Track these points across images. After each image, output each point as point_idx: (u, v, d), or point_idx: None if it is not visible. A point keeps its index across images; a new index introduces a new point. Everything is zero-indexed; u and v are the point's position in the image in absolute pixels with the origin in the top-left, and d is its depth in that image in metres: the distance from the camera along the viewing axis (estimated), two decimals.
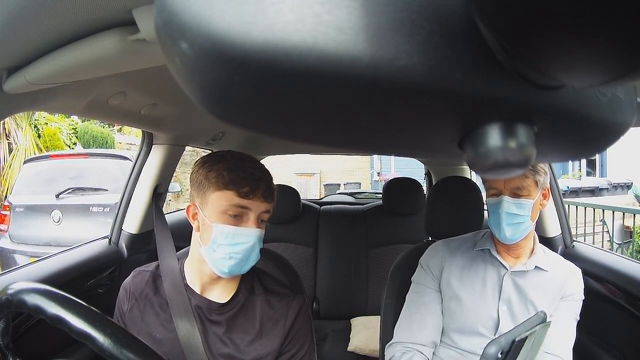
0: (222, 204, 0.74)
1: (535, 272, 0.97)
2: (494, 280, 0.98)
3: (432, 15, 0.15)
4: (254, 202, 0.75)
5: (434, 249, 1.08)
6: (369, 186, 10.52)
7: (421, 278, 1.06)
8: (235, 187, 0.73)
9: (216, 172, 0.75)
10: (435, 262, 1.05)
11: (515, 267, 0.97)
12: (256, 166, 0.78)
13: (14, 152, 5.68)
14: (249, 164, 0.77)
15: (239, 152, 0.81)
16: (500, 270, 0.99)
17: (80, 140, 7.04)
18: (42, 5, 0.48)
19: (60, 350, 1.03)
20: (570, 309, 0.97)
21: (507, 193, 0.92)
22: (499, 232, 0.93)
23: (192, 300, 0.82)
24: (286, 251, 1.99)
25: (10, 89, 0.67)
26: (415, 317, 1.02)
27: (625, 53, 0.13)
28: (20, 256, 3.45)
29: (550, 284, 0.96)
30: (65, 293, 0.60)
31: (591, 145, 0.23)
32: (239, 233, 0.75)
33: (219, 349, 0.81)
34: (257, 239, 0.76)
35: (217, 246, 0.76)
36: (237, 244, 0.75)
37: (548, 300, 0.96)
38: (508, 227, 0.91)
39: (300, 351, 0.86)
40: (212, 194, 0.75)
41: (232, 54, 0.14)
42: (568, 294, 0.97)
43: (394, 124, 0.18)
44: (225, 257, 0.76)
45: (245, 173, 0.74)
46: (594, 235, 4.17)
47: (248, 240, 0.75)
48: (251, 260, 0.78)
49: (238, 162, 0.76)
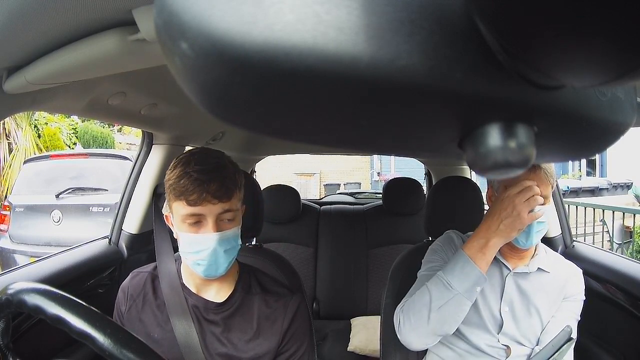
0: (180, 214, 0.74)
1: (537, 274, 0.96)
2: (497, 280, 0.97)
3: (432, 15, 0.15)
4: (206, 207, 0.72)
5: (446, 237, 1.05)
6: (369, 186, 10.52)
7: (432, 257, 1.02)
8: (184, 197, 0.72)
9: (169, 183, 0.74)
10: (448, 247, 1.02)
11: (517, 269, 0.96)
12: (203, 168, 0.73)
13: (14, 152, 5.69)
14: (195, 167, 0.73)
15: (193, 152, 0.77)
16: (502, 271, 0.98)
17: (80, 140, 7.04)
18: (42, 5, 0.48)
19: (60, 350, 1.03)
20: (571, 310, 0.97)
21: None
22: (525, 240, 0.89)
23: (189, 300, 0.83)
24: (286, 251, 1.99)
25: (10, 89, 0.67)
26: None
27: (625, 53, 0.13)
28: (20, 256, 3.44)
29: (552, 285, 0.96)
30: (65, 293, 0.60)
31: (591, 145, 0.23)
32: (197, 240, 0.74)
33: (216, 348, 0.81)
34: (216, 243, 0.74)
35: (185, 254, 0.77)
36: (199, 251, 0.75)
37: (549, 302, 0.96)
38: (536, 234, 0.89)
39: (298, 351, 0.86)
40: (172, 203, 0.76)
41: (232, 54, 0.14)
42: (569, 294, 0.97)
43: (394, 124, 0.18)
44: (194, 264, 0.77)
45: (189, 179, 0.71)
46: (594, 235, 4.17)
47: (207, 246, 0.74)
48: (220, 263, 0.76)
49: (185, 167, 0.73)
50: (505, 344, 0.95)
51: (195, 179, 0.71)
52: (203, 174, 0.72)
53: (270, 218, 1.91)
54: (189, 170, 0.72)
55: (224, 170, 0.75)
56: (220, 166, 0.75)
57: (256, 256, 1.16)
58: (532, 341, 0.95)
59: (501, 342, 0.95)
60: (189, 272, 0.84)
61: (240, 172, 0.79)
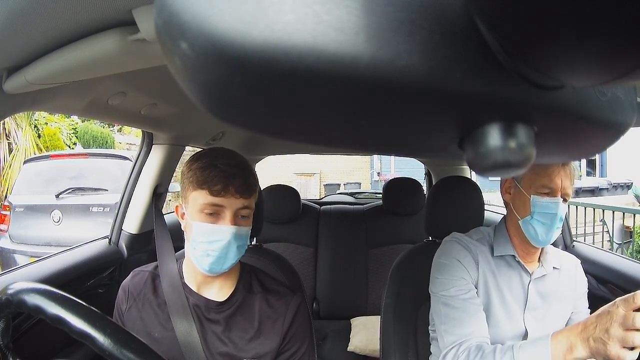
0: (198, 203, 0.76)
1: (551, 273, 0.95)
2: (518, 289, 0.93)
3: (432, 15, 0.15)
4: (228, 200, 0.75)
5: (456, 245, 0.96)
6: (369, 186, 10.51)
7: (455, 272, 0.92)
8: (207, 186, 0.74)
9: (192, 172, 0.76)
10: (468, 260, 0.93)
11: (535, 273, 0.93)
12: (230, 162, 0.76)
13: (14, 152, 5.68)
14: (222, 160, 0.76)
15: (217, 149, 0.81)
16: (523, 277, 0.94)
17: (80, 140, 7.04)
18: (42, 5, 0.48)
19: (60, 350, 1.03)
20: (585, 303, 0.97)
21: (559, 195, 0.85)
22: (545, 234, 0.85)
23: (190, 299, 0.83)
24: (286, 251, 1.99)
25: (10, 89, 0.67)
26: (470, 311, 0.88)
27: (625, 53, 0.13)
28: (20, 256, 3.45)
29: (565, 281, 0.96)
30: (65, 293, 0.60)
31: (591, 145, 0.23)
32: (214, 230, 0.76)
33: (217, 347, 0.81)
34: (232, 236, 0.76)
35: (196, 244, 0.77)
36: (213, 242, 0.76)
37: (566, 299, 0.95)
38: (557, 231, 0.86)
39: (299, 350, 0.86)
40: (190, 193, 0.77)
41: (232, 54, 0.14)
42: (582, 291, 0.97)
43: (394, 124, 0.18)
44: (203, 254, 0.77)
45: (216, 170, 0.74)
46: (594, 235, 4.17)
47: (223, 237, 0.75)
48: (229, 257, 0.77)
49: (212, 159, 0.76)
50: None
51: (221, 170, 0.75)
52: (230, 167, 0.75)
53: (270, 218, 1.91)
54: (215, 162, 0.75)
55: (248, 169, 0.79)
56: (245, 164, 0.79)
57: (256, 256, 1.16)
58: None
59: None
60: (191, 270, 0.84)
61: (256, 175, 0.82)
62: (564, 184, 0.85)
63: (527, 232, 0.89)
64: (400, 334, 1.10)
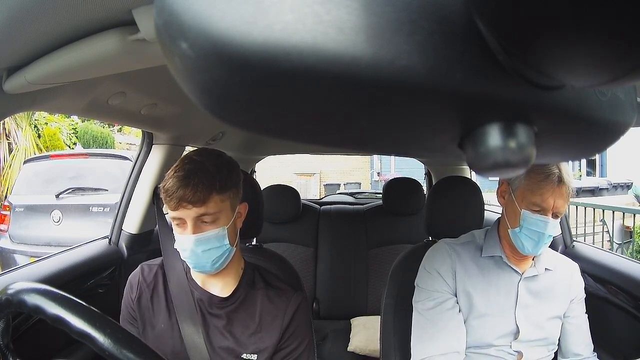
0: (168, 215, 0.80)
1: (544, 274, 0.96)
2: (508, 288, 0.94)
3: (432, 15, 0.15)
4: (183, 211, 0.76)
5: (440, 253, 0.99)
6: (369, 186, 10.51)
7: (432, 284, 0.96)
8: (167, 201, 0.76)
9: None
10: (445, 268, 0.96)
11: (526, 273, 0.94)
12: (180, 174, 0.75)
13: (14, 152, 5.68)
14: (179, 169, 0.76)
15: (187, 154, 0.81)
16: (512, 277, 0.95)
17: (80, 140, 7.04)
18: (42, 5, 0.48)
19: (60, 350, 1.03)
20: (582, 309, 0.98)
21: (550, 214, 0.86)
22: (532, 248, 0.87)
23: (195, 294, 0.86)
24: (286, 251, 1.99)
25: (10, 89, 0.67)
26: (439, 325, 0.92)
27: (625, 53, 0.13)
28: (20, 256, 3.44)
29: (559, 284, 0.96)
30: (65, 293, 0.60)
31: (591, 145, 0.23)
32: (180, 240, 0.79)
33: (219, 342, 0.83)
34: (192, 244, 0.77)
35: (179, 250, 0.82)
36: (183, 250, 0.79)
37: (559, 300, 0.96)
38: (544, 245, 0.88)
39: (298, 348, 0.87)
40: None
41: (232, 54, 0.14)
42: (576, 296, 0.97)
43: (394, 124, 0.18)
44: (185, 259, 0.81)
45: (170, 184, 0.75)
46: (594, 235, 4.16)
47: (187, 246, 0.78)
48: (203, 262, 0.79)
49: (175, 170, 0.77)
50: (517, 350, 0.94)
51: (172, 184, 0.75)
52: (179, 180, 0.75)
53: (270, 218, 1.91)
54: (172, 175, 0.76)
55: (201, 175, 0.75)
56: (195, 171, 0.75)
57: (256, 256, 1.16)
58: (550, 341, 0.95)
59: (513, 349, 0.94)
60: None
61: (230, 172, 0.80)
62: (557, 203, 0.85)
63: (515, 243, 0.91)
64: (400, 334, 1.10)
